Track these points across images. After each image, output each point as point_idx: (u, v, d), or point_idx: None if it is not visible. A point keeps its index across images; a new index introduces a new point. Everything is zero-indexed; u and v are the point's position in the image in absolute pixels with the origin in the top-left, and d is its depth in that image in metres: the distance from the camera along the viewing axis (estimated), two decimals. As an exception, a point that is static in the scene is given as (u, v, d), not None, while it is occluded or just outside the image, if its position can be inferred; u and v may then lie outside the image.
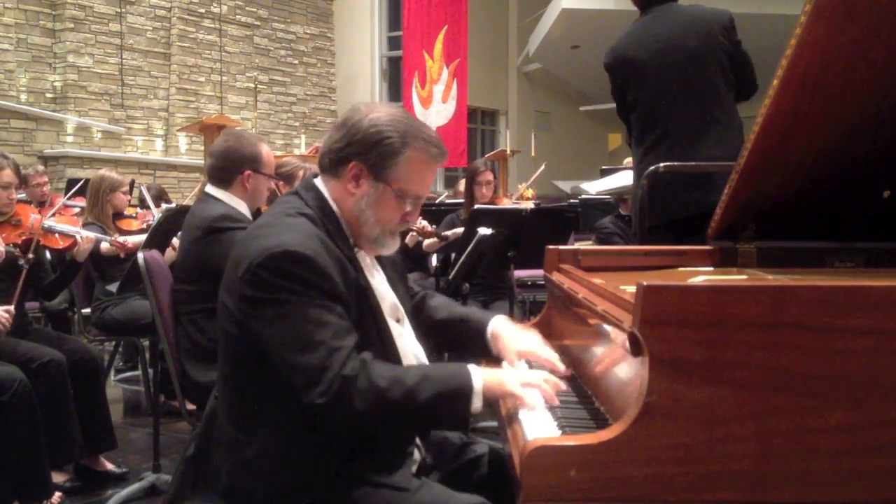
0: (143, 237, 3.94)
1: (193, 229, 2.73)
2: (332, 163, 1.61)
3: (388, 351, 1.60)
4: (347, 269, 1.54)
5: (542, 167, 7.30)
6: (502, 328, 1.81)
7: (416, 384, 1.43)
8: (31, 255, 3.17)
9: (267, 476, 1.49)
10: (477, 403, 1.44)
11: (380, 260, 1.75)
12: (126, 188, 4.45)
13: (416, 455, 1.66)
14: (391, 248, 1.67)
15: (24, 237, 3.27)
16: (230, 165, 2.78)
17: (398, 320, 1.71)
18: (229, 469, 1.54)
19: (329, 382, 1.39)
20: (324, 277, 1.46)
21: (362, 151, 1.56)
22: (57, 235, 3.52)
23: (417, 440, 1.66)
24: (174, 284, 2.73)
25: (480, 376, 1.45)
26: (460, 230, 4.30)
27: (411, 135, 1.57)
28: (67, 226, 3.61)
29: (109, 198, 4.26)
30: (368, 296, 1.60)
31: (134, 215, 4.42)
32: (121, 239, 3.92)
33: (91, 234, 3.61)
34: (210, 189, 2.82)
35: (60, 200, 4.13)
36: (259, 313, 1.46)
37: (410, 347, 1.71)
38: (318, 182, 1.65)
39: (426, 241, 4.50)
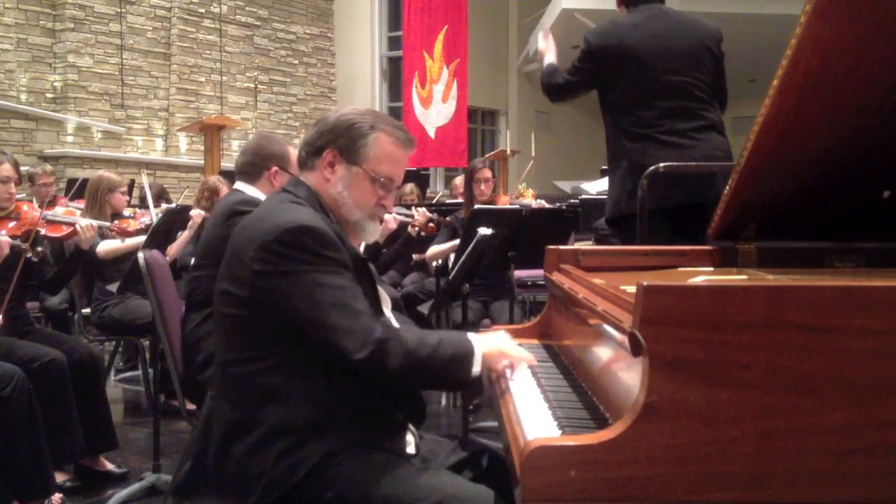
0: (142, 238, 3.95)
1: (217, 216, 2.84)
2: (308, 155, 1.75)
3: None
4: (347, 244, 1.65)
5: (531, 163, 7.30)
6: None
7: (437, 345, 1.57)
8: (39, 249, 3.18)
9: (274, 456, 1.53)
10: (476, 370, 1.59)
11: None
12: (124, 188, 4.45)
13: (412, 438, 1.71)
14: (373, 234, 1.79)
15: (24, 229, 3.27)
16: (258, 161, 2.89)
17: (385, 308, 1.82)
18: (234, 456, 1.56)
19: (365, 340, 1.50)
20: (335, 249, 1.58)
21: (334, 138, 1.71)
22: (61, 224, 3.55)
23: (411, 426, 1.71)
24: (192, 273, 2.80)
25: (481, 347, 1.60)
26: (456, 242, 4.29)
27: (378, 120, 1.73)
28: (68, 215, 3.64)
29: (108, 198, 4.26)
30: (368, 269, 1.72)
31: (132, 215, 4.42)
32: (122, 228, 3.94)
33: (93, 222, 3.63)
34: (238, 185, 2.92)
35: (64, 202, 4.14)
36: (277, 285, 1.55)
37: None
38: (302, 178, 1.76)
39: (429, 253, 4.50)
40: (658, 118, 2.99)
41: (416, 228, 4.42)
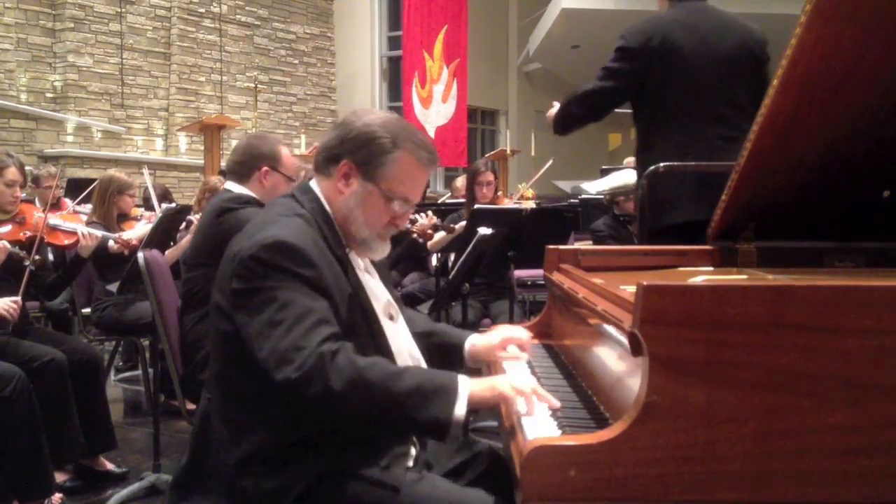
0: (146, 229, 3.95)
1: (207, 214, 2.84)
2: (325, 161, 1.65)
3: (380, 349, 1.61)
4: (338, 270, 1.56)
5: (550, 162, 7.14)
6: (479, 336, 1.83)
7: (397, 372, 1.43)
8: (37, 257, 3.18)
9: (261, 473, 1.49)
10: (460, 409, 1.38)
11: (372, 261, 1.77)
12: (133, 191, 4.45)
13: (412, 450, 1.66)
14: (381, 252, 1.68)
15: (28, 234, 3.27)
16: (249, 160, 2.87)
17: (391, 318, 1.73)
18: (226, 469, 1.54)
19: (304, 358, 1.39)
20: (312, 268, 1.49)
21: (353, 150, 1.60)
22: (61, 233, 3.54)
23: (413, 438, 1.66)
24: (185, 273, 2.78)
25: (468, 383, 1.42)
26: (462, 224, 4.31)
27: (402, 137, 1.60)
28: (71, 223, 3.63)
29: (116, 199, 4.26)
30: (360, 296, 1.62)
31: (139, 217, 4.42)
32: (125, 236, 3.93)
33: (96, 232, 3.62)
34: (228, 184, 2.91)
35: (70, 205, 4.14)
36: (246, 303, 1.48)
37: (405, 345, 1.72)
38: (313, 184, 1.67)
39: (431, 241, 4.50)
40: (692, 125, 2.78)
41: (415, 235, 4.41)
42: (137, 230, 4.07)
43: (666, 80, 2.80)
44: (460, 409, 1.38)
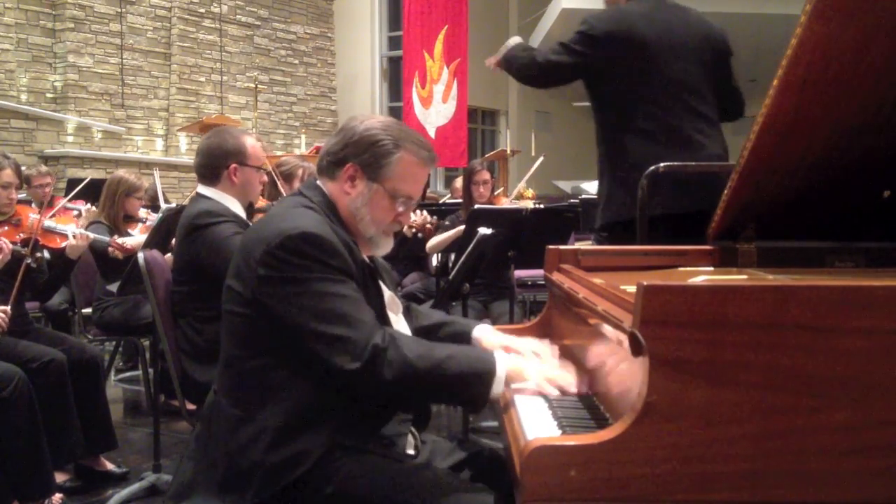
0: (142, 238, 3.94)
1: (180, 229, 2.77)
2: (330, 164, 1.73)
3: None
4: (354, 251, 1.65)
5: (541, 159, 7.08)
6: (485, 330, 1.88)
7: (442, 360, 1.53)
8: (38, 255, 3.18)
9: (267, 451, 1.54)
10: (497, 389, 1.53)
11: (375, 264, 1.82)
12: (141, 193, 4.45)
13: (411, 440, 1.71)
14: (385, 248, 1.77)
15: (23, 237, 3.27)
16: (215, 161, 2.78)
17: (394, 312, 1.81)
18: (231, 450, 1.58)
19: (360, 350, 1.49)
20: (338, 257, 1.58)
21: (357, 153, 1.69)
22: (57, 235, 3.54)
23: (413, 429, 1.72)
24: (171, 286, 2.74)
25: (505, 364, 1.56)
26: (460, 228, 4.31)
27: (403, 138, 1.70)
28: (64, 224, 3.62)
29: (124, 201, 4.26)
30: (374, 276, 1.73)
31: (145, 220, 4.41)
32: (119, 240, 3.92)
33: (87, 233, 3.61)
34: (201, 188, 2.82)
35: (61, 202, 4.14)
36: (278, 292, 1.55)
37: None
38: (320, 182, 1.75)
39: (429, 244, 4.50)
40: (665, 117, 2.80)
41: (413, 230, 4.41)
42: (136, 238, 4.06)
43: (635, 74, 2.80)
44: (497, 390, 1.54)
